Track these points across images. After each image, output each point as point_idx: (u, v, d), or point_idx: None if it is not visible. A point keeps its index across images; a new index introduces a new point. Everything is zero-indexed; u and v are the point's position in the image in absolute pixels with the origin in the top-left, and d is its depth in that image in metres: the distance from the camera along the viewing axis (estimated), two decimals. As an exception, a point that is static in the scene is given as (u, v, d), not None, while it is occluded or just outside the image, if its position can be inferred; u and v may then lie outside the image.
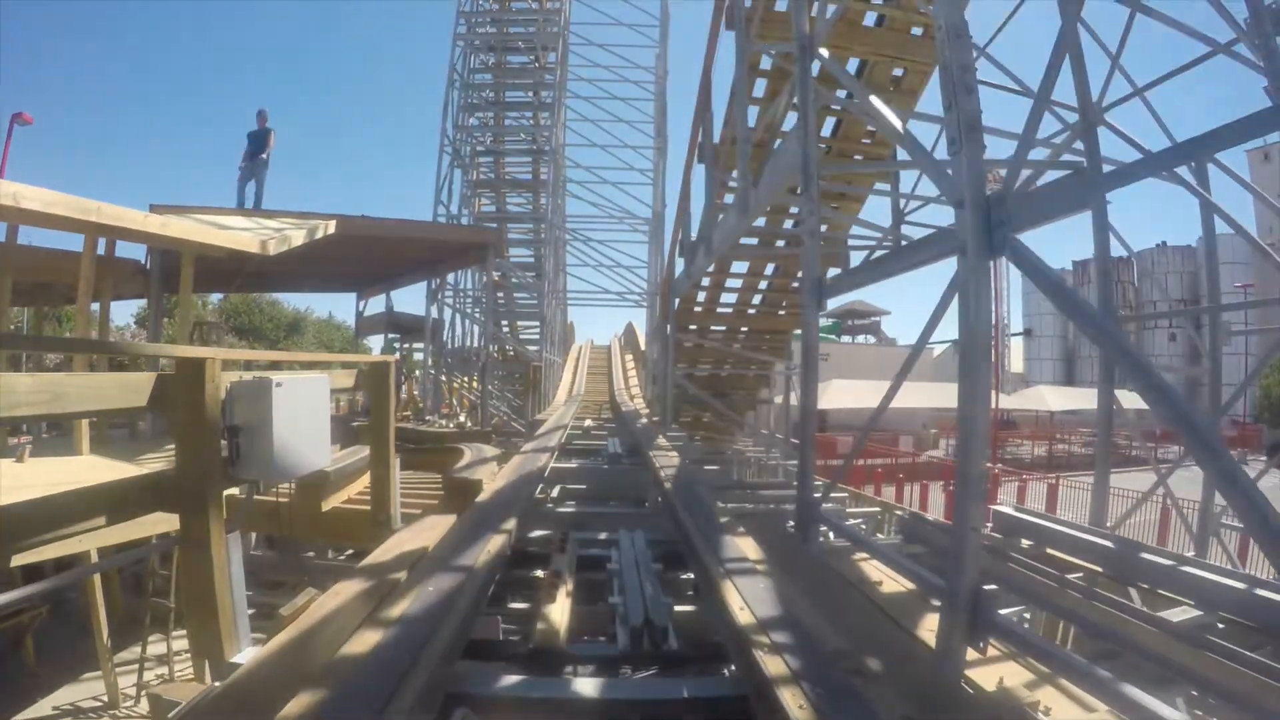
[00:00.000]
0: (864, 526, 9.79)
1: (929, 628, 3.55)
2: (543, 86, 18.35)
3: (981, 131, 2.90)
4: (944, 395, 39.08)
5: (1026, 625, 5.11)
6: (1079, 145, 6.42)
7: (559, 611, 2.59)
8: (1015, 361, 58.17)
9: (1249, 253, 51.48)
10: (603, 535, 3.96)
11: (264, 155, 11.78)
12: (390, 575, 3.21)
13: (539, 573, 3.68)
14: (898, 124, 3.64)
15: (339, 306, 67.77)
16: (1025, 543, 5.73)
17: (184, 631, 7.42)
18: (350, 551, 7.05)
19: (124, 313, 39.17)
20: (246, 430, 2.81)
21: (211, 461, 2.53)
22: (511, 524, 3.28)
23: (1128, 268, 61.45)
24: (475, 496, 4.33)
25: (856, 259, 10.40)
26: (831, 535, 4.95)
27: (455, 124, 17.47)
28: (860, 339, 63.43)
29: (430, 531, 4.03)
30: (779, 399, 16.16)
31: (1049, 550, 5.60)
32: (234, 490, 3.81)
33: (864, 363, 39.48)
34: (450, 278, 16.55)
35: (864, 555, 4.83)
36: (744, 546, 3.01)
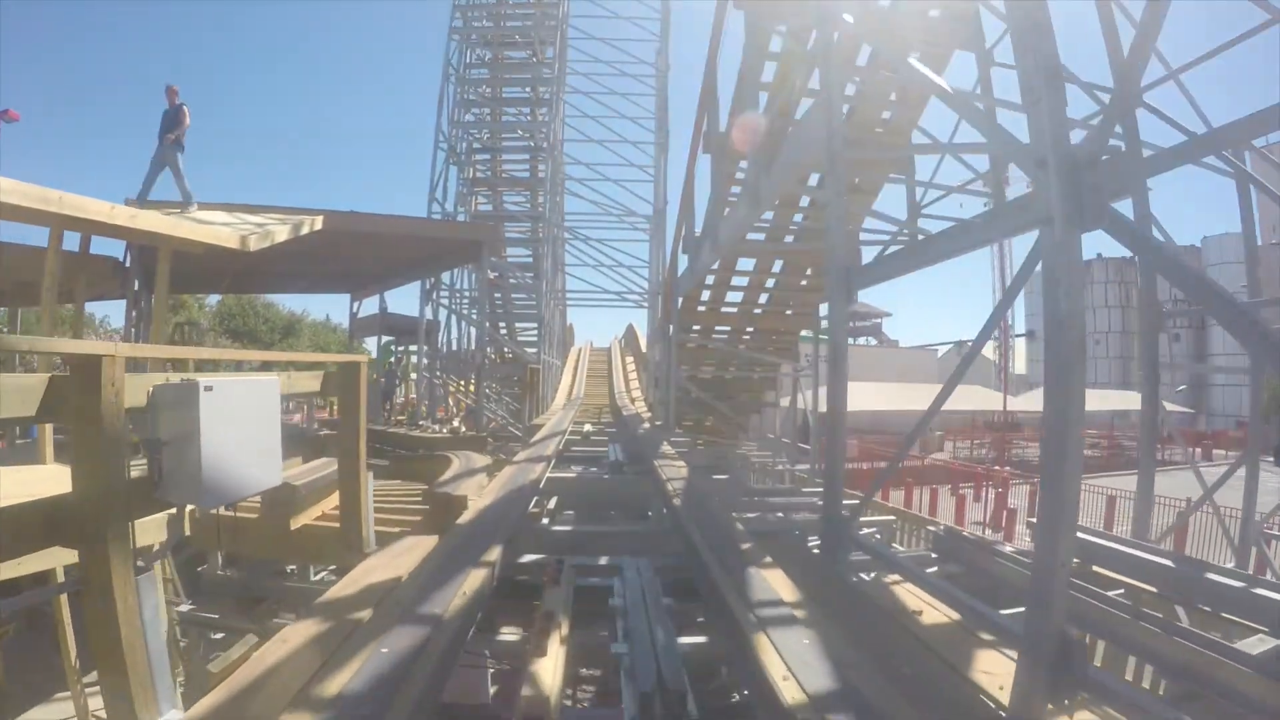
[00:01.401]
0: (879, 536, 9.29)
1: (985, 669, 3.06)
2: (540, 82, 17.85)
3: (1063, 79, 2.40)
4: (950, 398, 38.50)
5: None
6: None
7: (550, 669, 2.08)
8: (1019, 363, 57.74)
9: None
10: (603, 560, 3.45)
11: (173, 136, 9.79)
12: (351, 615, 2.70)
13: (532, 602, 3.19)
14: (943, 84, 3.14)
15: (336, 308, 67.28)
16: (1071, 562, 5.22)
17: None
18: (333, 567, 6.53)
19: (121, 314, 38.38)
20: (172, 444, 2.32)
21: (113, 485, 2.03)
22: (495, 554, 2.77)
23: (1131, 268, 60.96)
24: (460, 513, 3.82)
25: (868, 255, 9.92)
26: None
27: (451, 120, 16.96)
28: (861, 340, 62.89)
29: (406, 557, 3.52)
30: (785, 402, 15.67)
31: (1095, 568, 5.10)
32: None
33: (867, 364, 38.91)
34: (446, 278, 16.06)
35: (895, 577, 4.34)
36: (773, 581, 2.50)
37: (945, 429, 37.27)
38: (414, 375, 20.05)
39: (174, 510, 2.56)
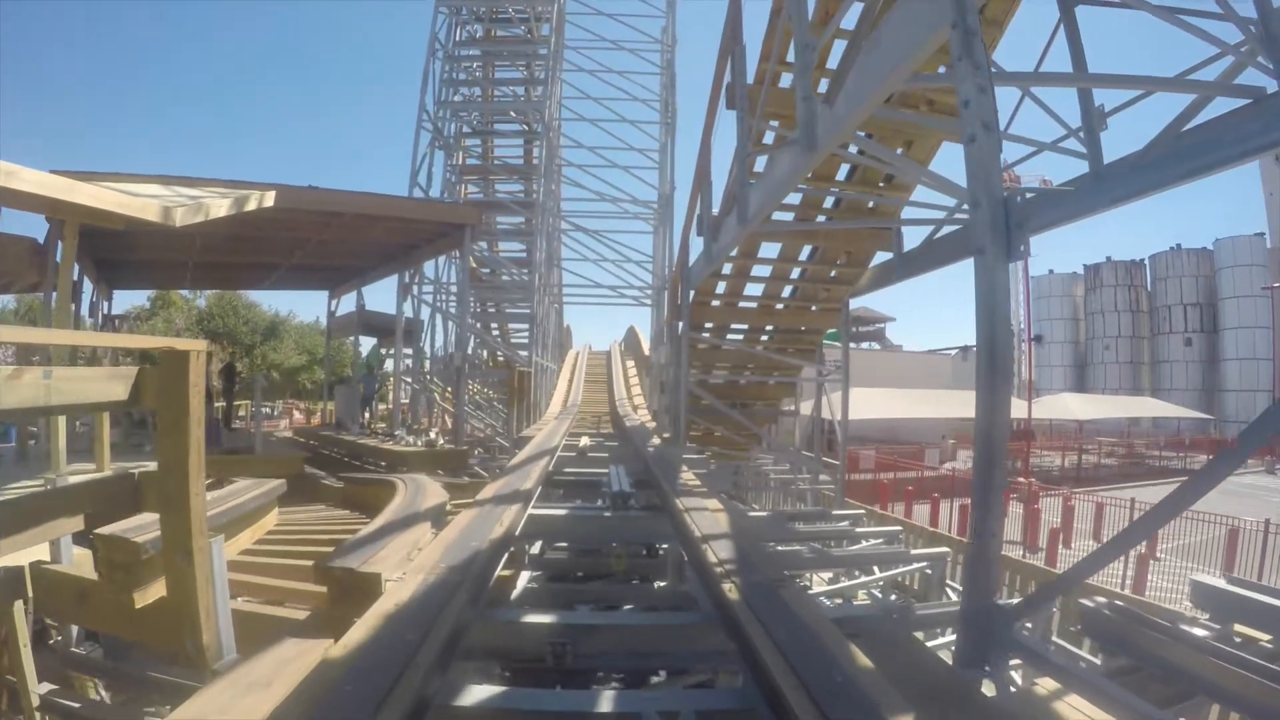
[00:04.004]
0: (929, 570, 7.78)
1: None
2: (536, 59, 16.34)
3: None
4: (961, 404, 37.02)
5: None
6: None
7: None
8: (1027, 368, 56.31)
9: (1265, 255, 49.61)
10: (607, 702, 1.94)
11: None
12: None
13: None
14: None
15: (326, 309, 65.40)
16: (1259, 636, 3.73)
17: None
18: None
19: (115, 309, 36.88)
20: None
21: None
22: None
23: (1140, 271, 59.65)
24: (372, 600, 2.32)
25: (914, 238, 8.47)
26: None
27: (436, 99, 15.45)
28: (865, 346, 61.39)
29: (266, 693, 2.03)
30: (807, 409, 14.16)
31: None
32: None
33: (874, 371, 37.35)
34: (430, 273, 14.58)
35: (1050, 682, 2.85)
36: None
37: (955, 435, 35.75)
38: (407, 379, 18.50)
39: None
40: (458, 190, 16.38)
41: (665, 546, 4.25)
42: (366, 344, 17.58)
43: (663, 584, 4.62)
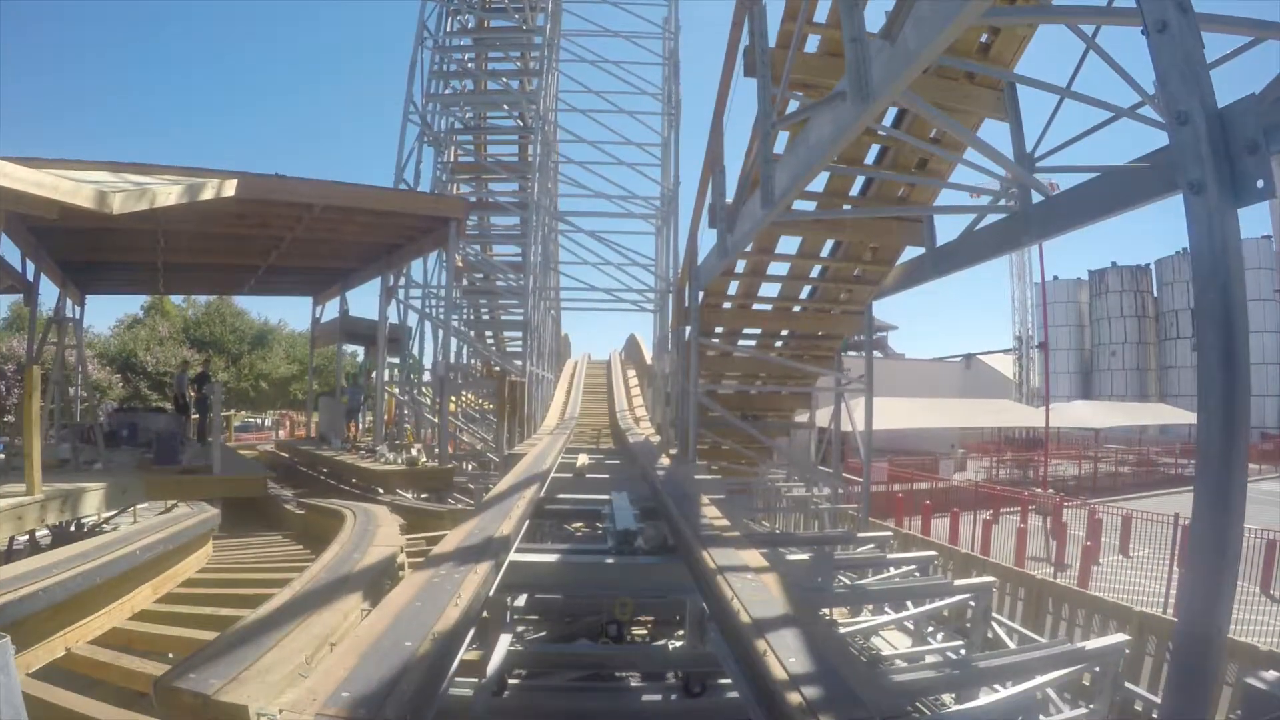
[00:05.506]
0: (973, 603, 6.89)
1: None
2: (531, 50, 15.47)
3: None
4: (970, 413, 36.04)
5: None
6: None
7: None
8: (1035, 375, 55.38)
9: (1273, 258, 48.92)
10: None
11: None
12: None
13: None
14: None
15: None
16: None
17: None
18: None
19: (105, 314, 35.56)
20: None
21: None
22: None
23: (1146, 276, 58.82)
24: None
25: (950, 230, 7.59)
26: None
27: (425, 91, 14.57)
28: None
29: None
30: (820, 421, 13.24)
31: None
32: None
33: (876, 378, 36.23)
34: (418, 276, 13.65)
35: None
36: None
37: (965, 446, 34.73)
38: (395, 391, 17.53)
39: None
40: (449, 189, 15.49)
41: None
42: (360, 353, 16.67)
43: (679, 644, 3.70)
